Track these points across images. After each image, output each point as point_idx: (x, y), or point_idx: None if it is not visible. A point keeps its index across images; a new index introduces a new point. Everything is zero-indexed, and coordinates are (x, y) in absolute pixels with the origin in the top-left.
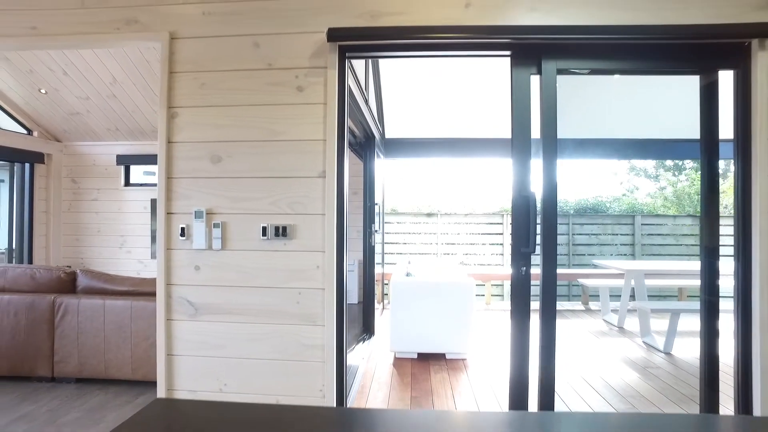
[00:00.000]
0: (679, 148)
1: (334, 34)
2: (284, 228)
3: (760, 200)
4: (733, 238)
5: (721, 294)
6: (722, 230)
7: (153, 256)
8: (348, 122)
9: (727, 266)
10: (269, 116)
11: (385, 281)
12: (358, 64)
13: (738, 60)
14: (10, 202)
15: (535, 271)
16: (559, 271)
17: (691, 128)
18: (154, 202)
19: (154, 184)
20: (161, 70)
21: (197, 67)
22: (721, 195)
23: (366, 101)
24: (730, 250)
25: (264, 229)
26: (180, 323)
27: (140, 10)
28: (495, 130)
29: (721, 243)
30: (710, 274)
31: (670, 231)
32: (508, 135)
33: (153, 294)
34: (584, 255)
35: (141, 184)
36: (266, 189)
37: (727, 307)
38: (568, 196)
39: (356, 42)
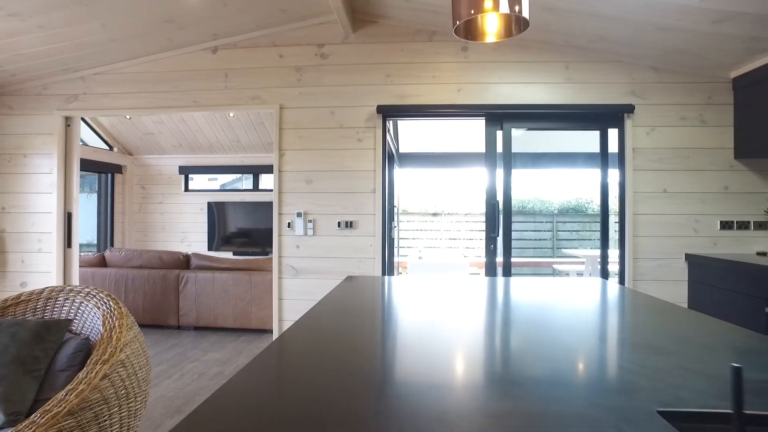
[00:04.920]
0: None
1: (380, 108)
2: (350, 222)
3: (629, 206)
4: (618, 232)
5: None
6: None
7: (209, 248)
8: None
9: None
10: (340, 156)
11: (399, 270)
12: None
13: (618, 123)
14: (98, 205)
15: (519, 261)
16: (541, 259)
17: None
18: (209, 204)
19: (210, 190)
20: (275, 127)
21: (296, 126)
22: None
23: (389, 130)
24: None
25: (338, 223)
26: (286, 280)
27: (261, 91)
28: None
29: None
30: (603, 252)
31: None
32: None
33: (246, 269)
34: (566, 248)
35: (198, 190)
36: (339, 199)
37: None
38: (552, 198)
39: (392, 112)
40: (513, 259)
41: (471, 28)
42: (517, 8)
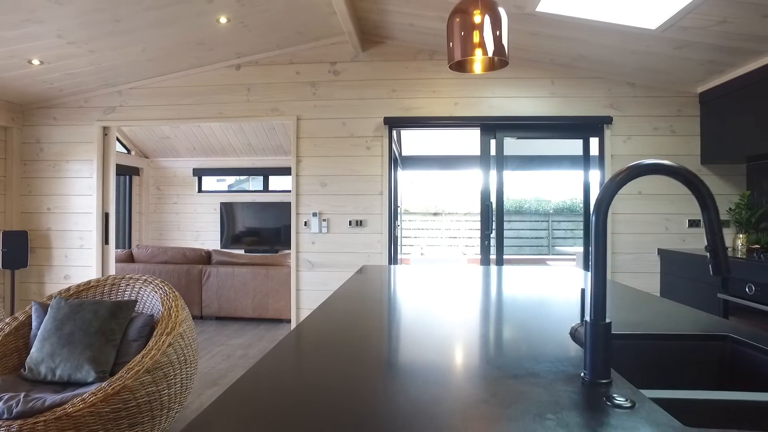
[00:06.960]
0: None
1: (386, 120)
2: (360, 221)
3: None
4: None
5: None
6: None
7: (221, 246)
8: None
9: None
10: (351, 162)
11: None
12: None
13: (598, 132)
14: (117, 205)
15: (513, 257)
16: (534, 256)
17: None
18: (222, 205)
19: (222, 191)
20: (292, 136)
21: (312, 135)
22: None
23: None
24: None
25: (350, 221)
26: (303, 273)
27: (280, 104)
28: None
29: None
30: (586, 249)
31: None
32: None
33: (263, 264)
34: (561, 246)
35: (211, 191)
36: (350, 200)
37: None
38: (549, 199)
39: (397, 123)
40: (508, 256)
41: (462, 62)
42: (498, 52)
